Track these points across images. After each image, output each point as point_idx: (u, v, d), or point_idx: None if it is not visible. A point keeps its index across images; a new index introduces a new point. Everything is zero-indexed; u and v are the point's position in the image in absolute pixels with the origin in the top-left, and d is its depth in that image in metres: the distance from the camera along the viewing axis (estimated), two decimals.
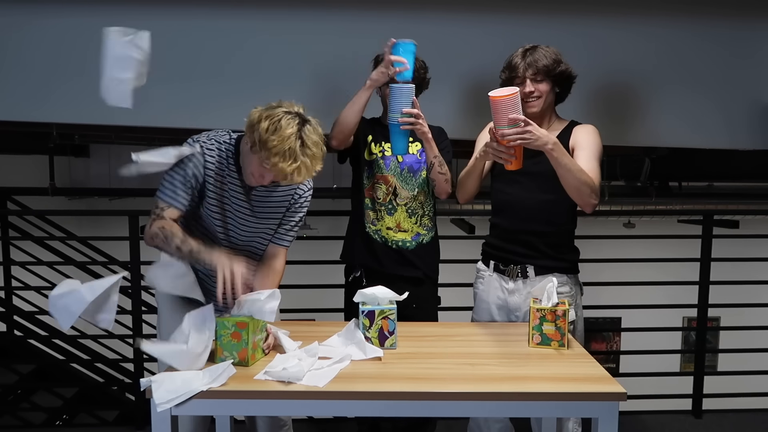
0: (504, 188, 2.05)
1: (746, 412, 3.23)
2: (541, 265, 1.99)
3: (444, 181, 2.20)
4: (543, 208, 1.98)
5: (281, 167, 1.58)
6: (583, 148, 1.93)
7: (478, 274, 2.16)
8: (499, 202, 2.09)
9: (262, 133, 1.57)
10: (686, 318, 6.37)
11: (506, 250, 2.05)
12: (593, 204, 1.86)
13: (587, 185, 1.82)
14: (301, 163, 1.59)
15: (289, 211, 1.89)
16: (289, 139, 1.56)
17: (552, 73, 1.92)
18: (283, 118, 1.58)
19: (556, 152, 1.77)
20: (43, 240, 4.76)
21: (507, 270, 2.04)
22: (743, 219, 5.71)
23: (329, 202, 4.89)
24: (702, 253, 3.13)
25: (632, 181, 5.60)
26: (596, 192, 1.85)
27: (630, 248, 5.76)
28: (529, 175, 1.95)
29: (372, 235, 2.26)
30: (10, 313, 4.22)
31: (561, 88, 1.99)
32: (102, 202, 5.81)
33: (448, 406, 1.42)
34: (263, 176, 1.69)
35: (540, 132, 1.74)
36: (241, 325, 1.52)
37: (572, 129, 2.00)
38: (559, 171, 1.81)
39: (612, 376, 1.49)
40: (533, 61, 1.91)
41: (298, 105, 1.66)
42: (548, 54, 1.92)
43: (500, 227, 2.08)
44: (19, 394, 4.17)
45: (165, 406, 1.36)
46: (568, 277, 2.02)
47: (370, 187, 2.26)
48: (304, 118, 1.63)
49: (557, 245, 2.01)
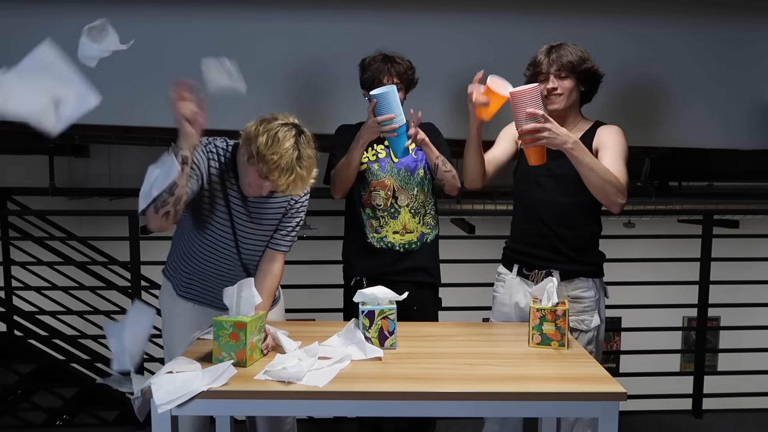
0: (528, 191, 2.01)
1: (746, 412, 3.23)
2: (566, 270, 1.95)
3: (452, 178, 2.18)
4: (567, 212, 1.94)
5: (279, 181, 1.61)
6: (608, 148, 1.88)
7: (499, 277, 2.13)
8: (522, 205, 2.06)
9: (261, 147, 1.59)
10: (686, 318, 6.37)
11: (530, 255, 2.01)
12: (620, 203, 1.80)
13: (612, 184, 1.77)
14: (297, 175, 1.62)
15: (286, 217, 1.90)
16: (287, 153, 1.59)
17: (576, 70, 1.88)
18: (280, 131, 1.60)
19: (576, 151, 1.72)
20: (43, 240, 4.76)
21: (531, 275, 2.01)
22: (743, 219, 5.71)
23: (329, 202, 4.86)
24: (702, 253, 3.13)
25: (632, 181, 5.57)
26: (622, 191, 1.80)
27: (630, 248, 5.75)
28: (552, 177, 1.92)
29: (375, 245, 2.22)
30: (10, 313, 4.22)
31: (586, 86, 1.95)
32: (102, 202, 5.81)
33: (448, 406, 1.41)
34: (261, 187, 1.70)
35: (559, 130, 1.70)
36: (239, 325, 1.51)
37: (596, 129, 1.96)
38: (581, 170, 1.76)
39: (612, 376, 1.49)
40: (558, 57, 1.87)
41: (292, 116, 1.67)
42: (574, 51, 1.89)
43: (523, 230, 2.04)
44: (19, 394, 4.17)
45: (166, 407, 1.36)
46: (593, 281, 1.98)
47: (367, 196, 2.22)
48: (300, 129, 1.65)
49: (582, 249, 1.97)
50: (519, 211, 2.08)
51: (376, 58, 2.14)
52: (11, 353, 4.19)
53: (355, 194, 2.26)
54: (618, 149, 1.89)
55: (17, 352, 4.26)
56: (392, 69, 2.10)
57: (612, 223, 6.12)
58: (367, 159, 2.21)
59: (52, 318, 4.32)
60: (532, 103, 1.68)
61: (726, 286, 3.14)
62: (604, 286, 2.04)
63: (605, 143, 1.90)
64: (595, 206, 1.95)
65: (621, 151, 1.89)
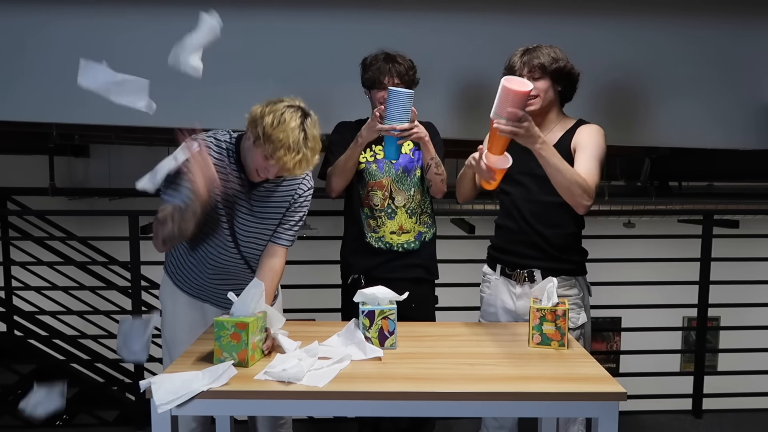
0: (510, 190, 2.02)
1: (746, 412, 3.23)
2: (547, 268, 1.96)
3: (440, 181, 2.19)
4: (549, 211, 1.95)
5: (285, 160, 1.60)
6: (584, 148, 1.89)
7: (485, 278, 2.14)
8: (505, 204, 2.07)
9: (267, 127, 1.59)
10: (686, 318, 6.37)
11: (512, 253, 2.03)
12: (585, 205, 1.82)
13: (578, 185, 1.78)
14: (303, 155, 1.62)
15: (290, 211, 1.89)
16: (293, 132, 1.59)
17: (549, 70, 1.90)
18: (286, 112, 1.61)
19: (545, 151, 1.74)
20: (43, 240, 4.76)
21: (513, 275, 2.03)
22: (743, 219, 5.72)
23: (329, 202, 4.86)
24: (702, 253, 3.13)
25: (632, 181, 5.60)
26: (589, 193, 1.80)
27: (630, 248, 5.77)
28: (534, 177, 1.93)
29: (374, 244, 2.23)
30: (10, 313, 4.22)
31: (562, 85, 1.96)
32: (102, 202, 5.81)
33: (448, 406, 1.41)
34: (267, 170, 1.69)
35: (534, 131, 1.71)
36: (240, 325, 1.51)
37: (577, 128, 1.96)
38: (549, 171, 1.78)
39: (612, 376, 1.49)
40: (529, 59, 1.90)
41: (297, 99, 1.68)
42: (546, 52, 1.91)
43: (506, 229, 2.05)
44: (19, 394, 4.16)
45: (165, 407, 1.36)
46: (576, 279, 2.00)
47: (365, 196, 2.23)
48: (306, 111, 1.66)
49: (564, 247, 1.99)
50: (502, 210, 2.10)
51: (377, 57, 2.14)
52: (11, 353, 4.20)
53: (354, 194, 2.26)
54: (594, 150, 1.89)
55: (17, 352, 4.26)
56: (393, 69, 2.10)
57: (612, 223, 6.12)
58: (366, 159, 2.22)
59: (52, 318, 4.32)
60: (516, 106, 1.66)
61: (726, 286, 3.14)
62: (587, 285, 2.05)
63: (582, 143, 1.91)
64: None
65: (597, 152, 1.89)
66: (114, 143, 5.28)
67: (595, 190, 1.84)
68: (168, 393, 1.37)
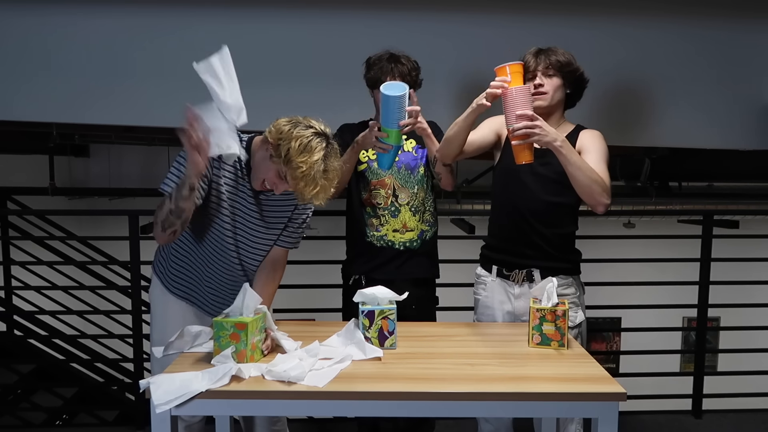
0: (509, 188, 2.02)
1: (746, 412, 3.23)
2: (546, 267, 1.96)
3: (449, 172, 2.19)
4: (548, 210, 1.96)
5: (303, 191, 1.61)
6: (590, 151, 1.91)
7: (479, 279, 2.13)
8: (502, 203, 2.06)
9: (293, 152, 1.58)
10: (686, 318, 6.36)
11: (510, 252, 2.02)
12: (605, 203, 1.84)
13: (598, 184, 1.81)
14: (321, 187, 1.62)
15: (295, 213, 1.89)
16: (315, 164, 1.58)
17: (564, 70, 1.92)
18: (314, 140, 1.60)
19: (565, 149, 1.76)
20: (43, 240, 4.75)
21: (511, 275, 2.03)
22: (743, 219, 5.71)
23: (329, 202, 4.88)
24: (702, 253, 3.13)
25: (632, 181, 5.59)
26: (607, 191, 1.84)
27: (630, 248, 5.76)
28: (535, 175, 1.94)
29: (375, 244, 2.22)
30: (10, 313, 4.22)
31: (572, 89, 1.98)
32: (102, 202, 5.81)
33: (448, 406, 1.42)
34: (276, 186, 1.69)
35: (549, 128, 1.74)
36: (240, 326, 1.51)
37: (578, 133, 1.99)
38: (569, 169, 1.79)
39: (612, 376, 1.49)
40: (546, 56, 1.92)
41: (321, 121, 1.67)
42: (562, 53, 1.94)
43: (503, 228, 2.05)
44: (19, 394, 4.17)
45: (164, 407, 1.36)
46: (572, 278, 2.01)
47: (367, 195, 2.22)
48: (329, 140, 1.65)
49: (561, 247, 2.00)
50: (497, 207, 2.09)
51: (381, 56, 2.13)
52: (11, 353, 4.20)
53: (355, 194, 2.26)
54: (600, 153, 1.92)
55: (17, 352, 4.26)
56: (395, 69, 2.09)
57: (612, 223, 6.12)
58: (367, 158, 2.22)
59: (52, 318, 4.32)
60: (523, 103, 1.70)
61: (726, 287, 3.14)
62: (581, 284, 2.06)
63: (587, 147, 1.93)
64: (574, 206, 1.98)
65: (603, 155, 1.93)
66: (114, 143, 5.28)
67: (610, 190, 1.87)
68: (167, 393, 1.37)
